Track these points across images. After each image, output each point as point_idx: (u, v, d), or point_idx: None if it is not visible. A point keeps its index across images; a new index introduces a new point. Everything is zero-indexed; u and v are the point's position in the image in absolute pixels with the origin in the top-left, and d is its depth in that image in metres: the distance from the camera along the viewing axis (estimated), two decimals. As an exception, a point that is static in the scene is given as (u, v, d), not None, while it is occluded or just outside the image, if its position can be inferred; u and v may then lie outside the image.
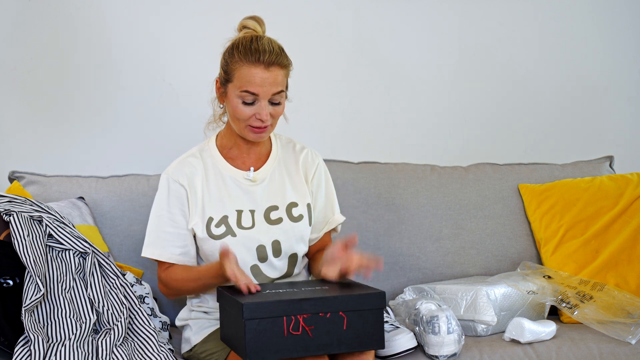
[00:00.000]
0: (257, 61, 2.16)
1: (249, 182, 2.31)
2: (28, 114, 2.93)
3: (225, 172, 2.31)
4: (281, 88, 2.19)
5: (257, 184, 2.32)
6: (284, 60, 2.19)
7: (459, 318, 2.39)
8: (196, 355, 2.30)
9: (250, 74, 2.16)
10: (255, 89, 2.17)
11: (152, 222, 2.30)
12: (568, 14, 3.23)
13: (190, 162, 2.31)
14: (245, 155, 2.33)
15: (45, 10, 2.90)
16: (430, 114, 3.17)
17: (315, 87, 3.05)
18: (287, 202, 2.32)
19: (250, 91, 2.17)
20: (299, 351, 2.01)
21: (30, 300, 2.07)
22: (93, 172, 2.81)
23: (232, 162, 2.33)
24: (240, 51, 2.18)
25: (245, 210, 2.29)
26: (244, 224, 2.28)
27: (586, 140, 3.26)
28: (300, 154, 2.38)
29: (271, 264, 2.29)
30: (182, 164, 2.31)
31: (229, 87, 2.22)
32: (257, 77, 2.16)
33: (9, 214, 2.19)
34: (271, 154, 2.36)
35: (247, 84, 2.17)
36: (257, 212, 2.29)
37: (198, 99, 2.59)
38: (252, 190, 2.31)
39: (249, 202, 2.30)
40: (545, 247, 2.73)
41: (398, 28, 3.13)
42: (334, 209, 2.41)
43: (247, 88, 2.17)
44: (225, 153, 2.33)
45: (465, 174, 2.86)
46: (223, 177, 2.31)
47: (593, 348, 2.33)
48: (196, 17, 2.98)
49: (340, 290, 2.10)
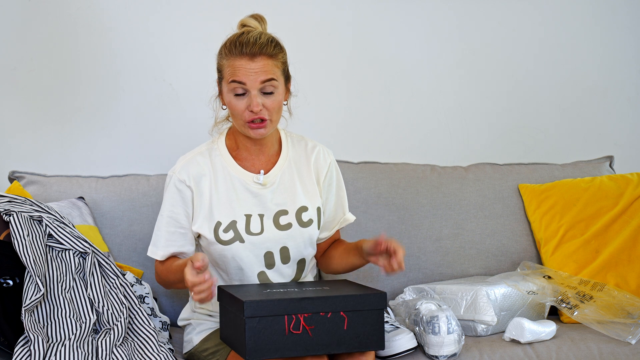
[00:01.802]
0: (240, 53, 2.16)
1: (259, 186, 2.27)
2: (28, 114, 2.93)
3: (234, 174, 2.27)
4: (271, 76, 2.17)
5: (266, 187, 2.28)
6: (270, 49, 2.17)
7: (459, 318, 2.39)
8: (197, 354, 2.30)
9: (235, 66, 2.16)
10: (241, 78, 2.16)
11: (159, 223, 2.28)
12: (568, 14, 3.23)
13: (198, 161, 2.27)
14: (254, 157, 2.29)
15: (45, 10, 2.90)
16: (430, 114, 3.17)
17: (315, 87, 3.04)
18: (297, 207, 2.28)
19: (236, 80, 2.16)
20: (299, 350, 2.01)
21: (30, 300, 2.07)
22: (93, 172, 2.81)
23: (241, 163, 2.29)
24: (226, 46, 2.19)
25: (254, 215, 2.25)
26: (253, 229, 2.24)
27: (586, 140, 3.26)
28: (312, 153, 2.35)
29: (279, 270, 2.28)
30: (189, 163, 2.27)
31: (223, 84, 2.22)
32: (243, 67, 2.16)
33: (9, 214, 2.19)
34: (281, 155, 2.32)
35: (233, 74, 2.17)
36: (266, 217, 2.26)
37: (198, 99, 2.59)
38: (262, 193, 2.27)
39: (258, 206, 2.26)
40: (545, 247, 2.73)
41: (398, 28, 3.13)
42: (345, 208, 2.41)
43: (234, 77, 2.17)
44: (235, 154, 2.30)
45: (465, 174, 2.86)
46: (232, 179, 2.27)
47: (593, 348, 2.33)
48: (196, 17, 2.98)
49: (341, 290, 2.10)
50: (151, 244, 2.28)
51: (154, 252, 2.27)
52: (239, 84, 2.16)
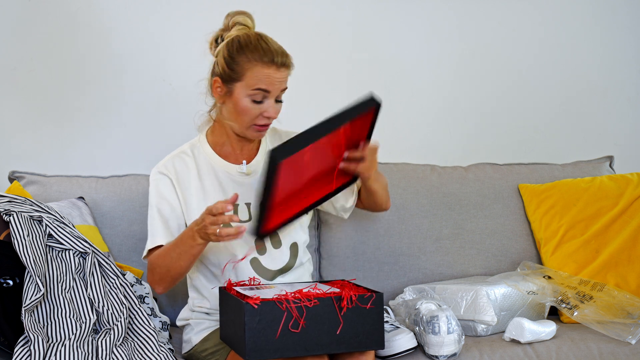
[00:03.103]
0: (271, 62, 2.20)
1: (243, 175, 2.34)
2: (28, 114, 2.93)
3: (218, 168, 2.33)
4: (286, 85, 2.25)
5: (250, 176, 2.34)
6: (290, 60, 2.24)
7: (459, 318, 2.39)
8: (196, 354, 2.30)
9: (264, 74, 2.20)
10: (267, 87, 2.21)
11: (149, 217, 2.33)
12: (568, 14, 3.23)
13: (182, 158, 2.34)
14: (237, 151, 2.36)
15: (45, 10, 2.90)
16: (430, 114, 3.17)
17: (315, 87, 3.04)
18: None
19: (262, 88, 2.20)
20: (298, 350, 2.01)
21: (30, 300, 2.07)
22: (93, 172, 2.81)
23: (225, 157, 2.35)
24: (251, 50, 2.21)
25: (241, 204, 2.31)
26: (241, 217, 2.30)
27: (586, 140, 3.26)
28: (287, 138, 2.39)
29: (271, 255, 2.31)
30: (173, 159, 2.35)
31: (237, 85, 2.22)
32: (271, 77, 2.20)
33: (9, 214, 2.19)
34: (261, 146, 2.39)
35: (259, 82, 2.20)
36: (252, 205, 2.31)
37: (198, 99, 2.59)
38: (247, 182, 2.33)
39: (244, 194, 2.31)
40: (545, 247, 2.72)
41: (398, 28, 3.13)
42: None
43: (259, 85, 2.20)
44: (218, 150, 2.36)
45: (465, 174, 2.86)
46: (216, 173, 2.33)
47: (593, 348, 2.33)
48: (196, 17, 2.98)
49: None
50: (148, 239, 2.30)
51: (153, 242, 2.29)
52: (263, 92, 2.21)
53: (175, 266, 2.22)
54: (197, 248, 2.17)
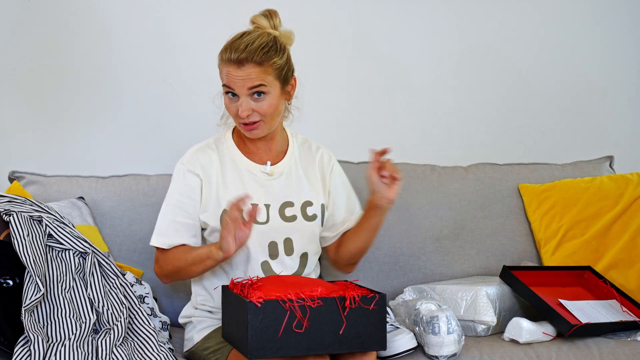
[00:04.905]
0: (229, 60, 2.19)
1: (266, 176, 2.32)
2: (28, 114, 2.93)
3: (241, 165, 2.32)
4: (258, 83, 2.19)
5: (274, 178, 2.32)
6: (258, 57, 2.18)
7: (459, 318, 2.39)
8: (198, 352, 2.30)
9: (225, 71, 2.21)
10: (229, 84, 2.21)
11: (165, 211, 2.30)
12: (568, 14, 3.23)
13: (206, 151, 2.32)
14: (262, 151, 2.34)
15: (45, 10, 2.90)
16: (430, 114, 3.17)
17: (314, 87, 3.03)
18: (303, 200, 2.32)
19: (226, 85, 2.22)
20: (300, 350, 2.01)
21: (30, 300, 2.07)
22: (93, 172, 2.81)
23: (248, 156, 2.33)
24: (221, 50, 2.23)
25: (261, 204, 2.28)
26: (259, 218, 2.27)
27: (586, 140, 3.26)
28: (317, 154, 2.40)
29: (282, 261, 2.30)
30: (198, 153, 2.32)
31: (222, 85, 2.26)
32: (231, 74, 2.20)
33: (9, 214, 2.19)
34: (288, 152, 2.37)
35: (223, 80, 2.22)
36: (272, 207, 2.29)
37: (198, 99, 2.60)
38: (269, 184, 2.31)
39: (264, 196, 2.30)
40: (545, 247, 2.73)
41: (398, 28, 3.13)
42: (354, 209, 2.43)
43: (224, 82, 2.22)
44: (242, 147, 2.35)
45: (465, 174, 2.86)
46: (239, 170, 2.31)
47: (593, 348, 2.33)
48: (196, 17, 2.98)
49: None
50: (155, 233, 2.29)
51: (161, 242, 2.28)
52: (229, 89, 2.21)
53: (188, 271, 2.25)
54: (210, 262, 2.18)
